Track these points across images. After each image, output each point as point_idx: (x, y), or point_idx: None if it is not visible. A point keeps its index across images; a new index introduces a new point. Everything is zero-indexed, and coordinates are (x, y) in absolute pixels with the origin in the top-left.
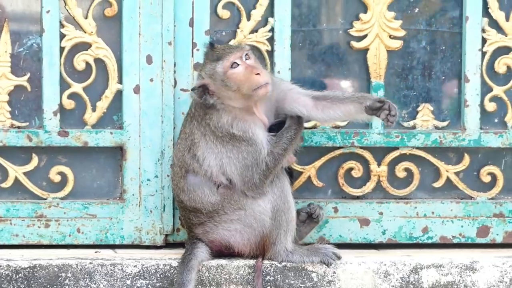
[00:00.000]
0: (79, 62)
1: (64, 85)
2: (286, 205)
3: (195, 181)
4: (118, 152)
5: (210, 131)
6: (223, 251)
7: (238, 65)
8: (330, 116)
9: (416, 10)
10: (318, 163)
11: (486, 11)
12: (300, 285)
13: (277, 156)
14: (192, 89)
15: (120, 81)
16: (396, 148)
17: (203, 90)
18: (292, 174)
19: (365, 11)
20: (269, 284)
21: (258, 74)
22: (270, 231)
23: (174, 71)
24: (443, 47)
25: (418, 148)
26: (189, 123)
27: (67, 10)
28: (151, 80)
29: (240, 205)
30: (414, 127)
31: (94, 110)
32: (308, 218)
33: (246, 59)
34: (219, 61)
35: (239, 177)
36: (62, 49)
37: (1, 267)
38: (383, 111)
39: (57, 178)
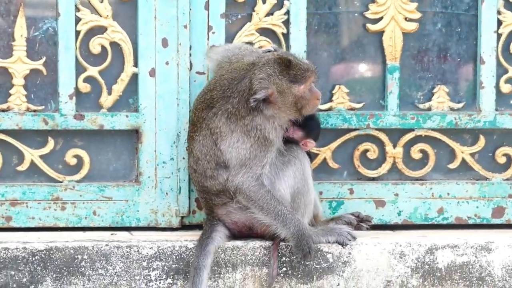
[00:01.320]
0: (95, 45)
1: (79, 69)
2: (305, 187)
3: (224, 168)
4: (133, 135)
5: (244, 130)
6: (243, 232)
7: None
8: None
9: None
10: (334, 145)
11: None
12: (316, 265)
13: (258, 195)
14: (255, 100)
15: (135, 64)
16: (412, 130)
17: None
18: (311, 156)
19: None
20: (284, 265)
21: (318, 99)
22: None
23: (190, 54)
24: (459, 29)
25: (433, 129)
26: (216, 118)
27: None
28: (167, 63)
29: None
30: (429, 109)
31: (109, 93)
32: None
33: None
34: (296, 83)
35: (232, 167)
36: (77, 33)
37: (18, 250)
38: None
39: (73, 161)
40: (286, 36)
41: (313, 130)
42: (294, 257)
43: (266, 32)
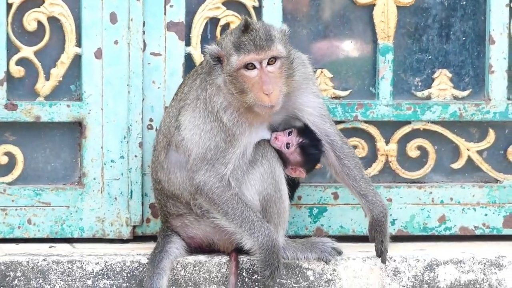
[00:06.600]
0: (30, 21)
1: (12, 49)
2: (277, 193)
3: (176, 159)
4: (76, 128)
5: (204, 97)
6: (203, 248)
7: (255, 68)
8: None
9: None
10: None
11: None
12: (294, 285)
13: (223, 198)
14: (208, 50)
15: (78, 44)
16: (408, 123)
17: (218, 59)
18: (297, 183)
19: None
20: (256, 284)
21: (267, 94)
22: None
23: (143, 32)
24: (464, 2)
25: (433, 122)
26: (192, 81)
27: None
28: (116, 42)
29: None
30: (429, 98)
31: (47, 78)
32: None
33: (268, 64)
34: (237, 52)
35: (192, 161)
36: (9, 6)
37: None
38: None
39: (3, 160)
40: (258, 10)
41: (313, 161)
42: (257, 276)
43: (234, 5)
